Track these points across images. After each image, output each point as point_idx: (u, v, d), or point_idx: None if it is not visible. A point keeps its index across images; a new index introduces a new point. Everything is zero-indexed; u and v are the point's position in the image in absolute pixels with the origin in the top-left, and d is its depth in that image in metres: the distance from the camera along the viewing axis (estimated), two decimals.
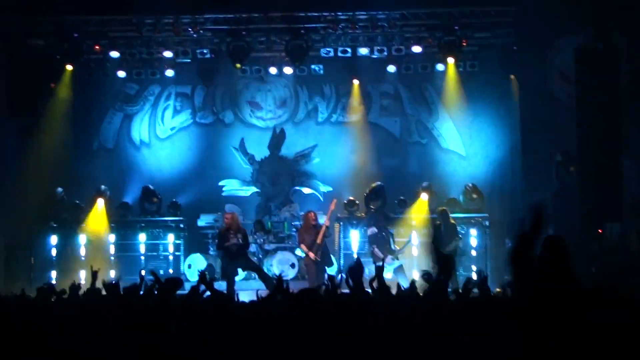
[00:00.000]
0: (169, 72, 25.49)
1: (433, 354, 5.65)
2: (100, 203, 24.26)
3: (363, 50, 24.62)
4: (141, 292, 9.89)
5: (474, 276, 20.14)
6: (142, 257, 23.90)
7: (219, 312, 7.88)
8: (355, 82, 25.79)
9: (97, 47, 24.39)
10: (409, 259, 22.38)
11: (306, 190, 25.87)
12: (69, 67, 24.48)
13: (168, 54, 24.71)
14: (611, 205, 20.14)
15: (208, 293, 9.53)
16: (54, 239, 23.88)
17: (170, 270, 23.35)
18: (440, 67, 25.02)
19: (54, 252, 23.83)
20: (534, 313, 5.56)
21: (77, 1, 22.88)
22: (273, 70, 25.52)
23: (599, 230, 21.20)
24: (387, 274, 20.22)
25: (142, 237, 24.12)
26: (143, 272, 17.82)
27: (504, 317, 6.07)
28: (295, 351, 5.34)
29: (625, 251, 20.57)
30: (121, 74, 25.50)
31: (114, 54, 24.75)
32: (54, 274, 23.34)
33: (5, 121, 23.60)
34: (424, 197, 23.84)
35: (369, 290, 11.14)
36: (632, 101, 20.47)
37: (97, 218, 24.15)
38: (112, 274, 21.63)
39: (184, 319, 7.28)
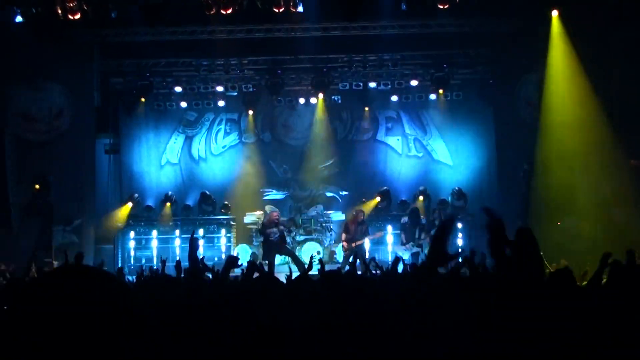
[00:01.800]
0: (221, 103, 25.45)
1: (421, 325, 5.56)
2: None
3: (372, 84, 24.65)
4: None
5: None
6: (201, 247, 24.02)
7: (267, 288, 8.00)
8: (366, 109, 26.02)
9: (164, 83, 24.72)
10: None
11: (328, 194, 26.02)
12: (143, 99, 24.69)
13: (220, 88, 24.77)
14: (567, 203, 20.23)
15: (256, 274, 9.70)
16: (132, 234, 24.09)
17: (223, 257, 23.53)
18: (432, 96, 24.97)
19: (132, 244, 24.10)
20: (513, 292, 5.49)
21: (149, 48, 23.11)
22: (302, 100, 25.71)
23: (558, 223, 21.33)
24: (405, 256, 20.53)
25: (201, 232, 24.26)
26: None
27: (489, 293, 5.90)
28: (321, 316, 5.37)
29: (579, 239, 20.65)
30: (183, 104, 25.53)
31: (178, 89, 24.85)
32: (132, 261, 23.56)
33: (93, 141, 23.89)
34: (420, 198, 24.19)
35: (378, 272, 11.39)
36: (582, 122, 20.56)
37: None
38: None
39: (240, 294, 7.37)
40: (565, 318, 5.00)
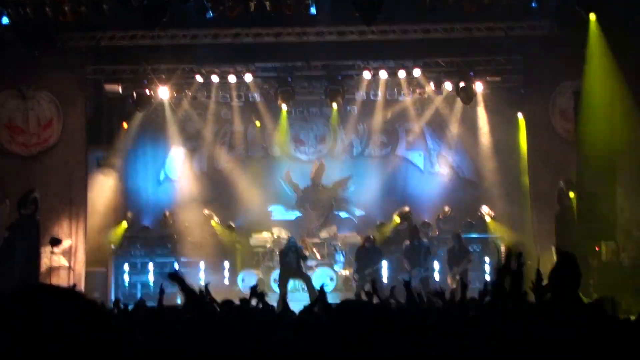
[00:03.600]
0: (225, 113, 25.81)
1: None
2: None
3: (391, 93, 24.85)
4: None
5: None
6: (202, 272, 24.05)
7: (267, 320, 8.00)
8: (385, 121, 26.05)
9: (163, 91, 24.66)
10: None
11: (343, 215, 26.07)
12: (140, 108, 24.55)
13: (224, 97, 25.00)
14: (606, 226, 20.17)
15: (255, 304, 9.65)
16: (127, 257, 24.03)
17: (227, 282, 23.58)
18: (457, 107, 25.16)
19: (126, 267, 23.90)
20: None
21: (146, 53, 23.20)
22: (314, 110, 25.79)
23: (596, 248, 21.23)
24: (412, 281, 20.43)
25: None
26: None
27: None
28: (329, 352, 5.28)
29: (618, 266, 20.58)
30: (184, 114, 25.88)
31: (178, 97, 25.16)
32: (127, 286, 23.55)
33: (84, 155, 23.87)
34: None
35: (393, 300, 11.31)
36: (624, 136, 20.47)
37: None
38: None
39: (235, 325, 7.35)
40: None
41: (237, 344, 6.29)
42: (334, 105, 24.85)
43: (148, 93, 24.04)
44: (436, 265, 22.71)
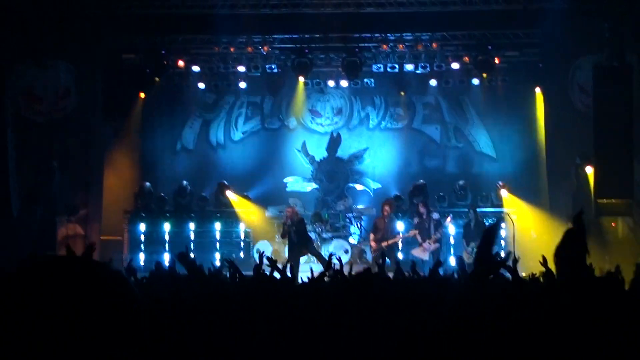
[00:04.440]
0: (242, 84, 25.55)
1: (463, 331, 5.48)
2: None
3: (409, 67, 24.57)
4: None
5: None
6: (218, 243, 24.18)
7: (282, 290, 7.98)
8: (402, 94, 25.96)
9: (180, 62, 24.65)
10: (446, 244, 22.55)
11: (358, 187, 25.97)
12: (157, 79, 24.62)
13: (241, 68, 24.74)
14: (623, 202, 20.13)
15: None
16: (142, 227, 24.09)
17: (242, 254, 23.60)
18: (475, 81, 24.88)
19: (142, 237, 24.13)
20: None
21: (164, 22, 23.13)
22: (331, 83, 25.63)
23: (613, 224, 21.19)
24: (424, 254, 20.54)
25: (217, 225, 24.39)
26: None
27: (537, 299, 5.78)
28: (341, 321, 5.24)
29: (636, 242, 20.53)
30: (201, 85, 25.68)
31: (195, 68, 24.96)
32: (142, 256, 23.56)
33: (101, 124, 23.89)
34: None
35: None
36: None
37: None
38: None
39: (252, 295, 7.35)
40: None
41: (251, 315, 6.26)
42: (351, 77, 24.72)
43: (165, 63, 24.09)
44: (452, 240, 22.72)
